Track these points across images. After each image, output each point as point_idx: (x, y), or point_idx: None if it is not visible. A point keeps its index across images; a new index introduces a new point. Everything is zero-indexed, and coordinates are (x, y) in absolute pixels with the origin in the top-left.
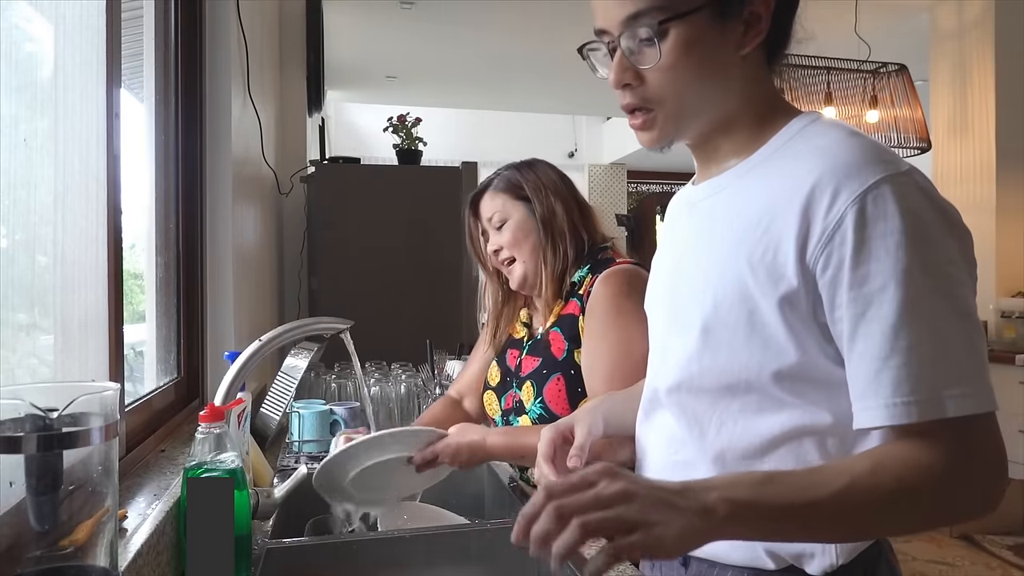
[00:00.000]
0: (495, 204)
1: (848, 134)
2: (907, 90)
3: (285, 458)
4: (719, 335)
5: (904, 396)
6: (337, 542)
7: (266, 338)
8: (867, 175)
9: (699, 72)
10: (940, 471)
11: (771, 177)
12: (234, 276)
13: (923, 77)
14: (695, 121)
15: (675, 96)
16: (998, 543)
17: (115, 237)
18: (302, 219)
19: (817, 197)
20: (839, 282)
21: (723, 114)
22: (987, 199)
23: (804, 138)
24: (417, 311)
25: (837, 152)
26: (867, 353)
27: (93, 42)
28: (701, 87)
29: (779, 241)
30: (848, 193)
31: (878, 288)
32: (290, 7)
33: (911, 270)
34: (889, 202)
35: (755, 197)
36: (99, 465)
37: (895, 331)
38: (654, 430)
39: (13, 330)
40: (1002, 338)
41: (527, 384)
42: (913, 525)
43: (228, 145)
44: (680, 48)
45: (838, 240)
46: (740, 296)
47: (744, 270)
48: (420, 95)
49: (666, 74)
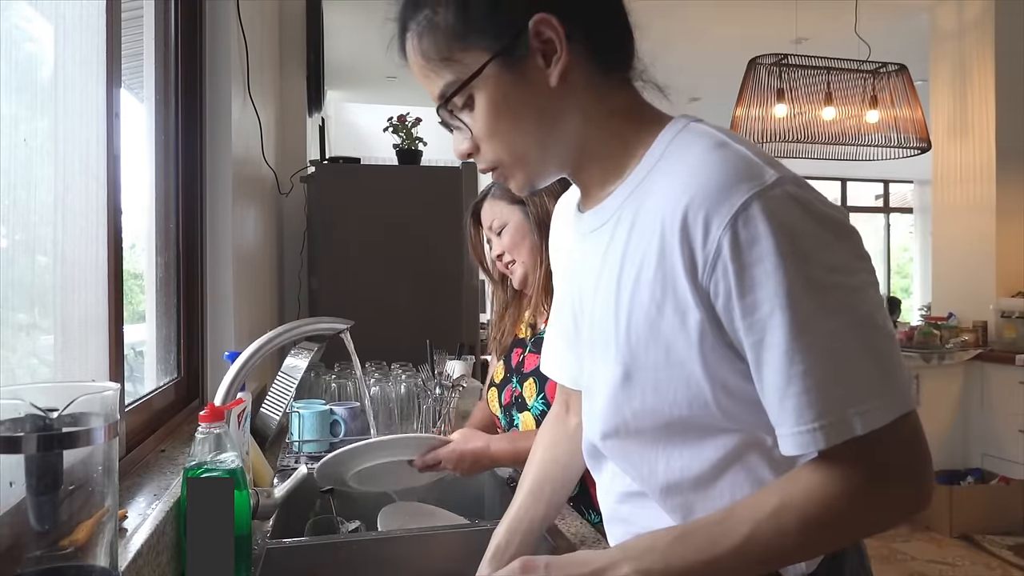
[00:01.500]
0: (494, 211)
1: (711, 147)
2: (907, 90)
3: (285, 458)
4: (642, 378)
5: (808, 423)
6: (337, 542)
7: (266, 338)
8: (733, 198)
9: (519, 123)
10: (851, 495)
11: (651, 202)
12: (234, 276)
13: (923, 77)
14: (545, 165)
15: (508, 153)
16: (998, 543)
17: (115, 237)
18: (302, 219)
19: (691, 226)
20: (731, 309)
21: (571, 146)
22: (987, 199)
23: (673, 153)
24: (417, 311)
25: (702, 173)
26: (770, 382)
27: (93, 42)
28: (531, 135)
29: (673, 275)
30: (719, 220)
31: (767, 315)
32: (290, 7)
33: (793, 291)
34: (759, 223)
35: (641, 230)
36: (99, 465)
37: (789, 358)
38: (603, 474)
39: (13, 330)
40: (1002, 338)
41: (529, 381)
42: (830, 548)
43: (228, 145)
44: (486, 110)
45: (720, 270)
46: (653, 336)
47: (651, 311)
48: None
49: (490, 138)
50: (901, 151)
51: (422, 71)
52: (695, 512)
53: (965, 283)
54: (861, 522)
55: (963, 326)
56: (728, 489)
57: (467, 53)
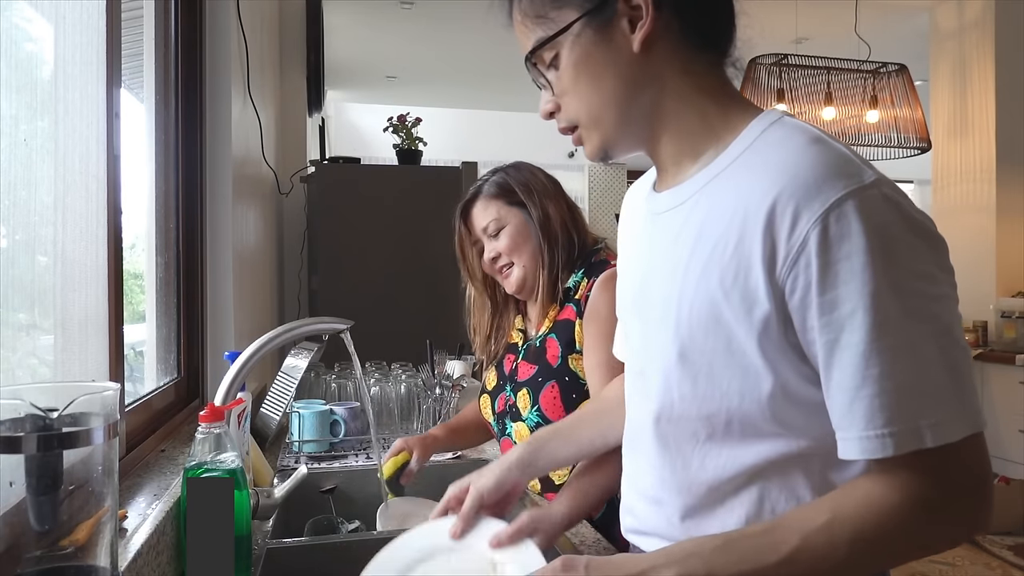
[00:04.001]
0: (490, 212)
1: (809, 142)
2: (907, 90)
3: (285, 458)
4: (696, 362)
5: (878, 428)
6: (337, 542)
7: (266, 338)
8: (828, 193)
9: (598, 84)
10: (910, 509)
11: (734, 191)
12: (234, 276)
13: (923, 77)
14: (621, 131)
15: (586, 114)
16: (998, 543)
17: (115, 237)
18: (302, 219)
19: (779, 217)
20: (808, 305)
21: (649, 115)
22: (987, 199)
23: (766, 143)
24: (417, 311)
25: (797, 166)
26: (841, 383)
27: (93, 42)
28: (609, 98)
29: (748, 264)
30: (809, 214)
31: (847, 314)
32: (290, 7)
33: (879, 292)
34: (852, 220)
35: (720, 214)
36: (99, 465)
37: (865, 359)
38: (632, 465)
39: (13, 330)
40: (1002, 338)
41: (523, 391)
42: (881, 567)
43: (228, 145)
44: (569, 68)
45: (803, 263)
46: (715, 322)
47: (717, 295)
48: (420, 95)
49: (570, 96)
50: (901, 151)
51: (519, 28)
52: (706, 522)
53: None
54: (916, 539)
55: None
56: (756, 501)
57: (560, 12)
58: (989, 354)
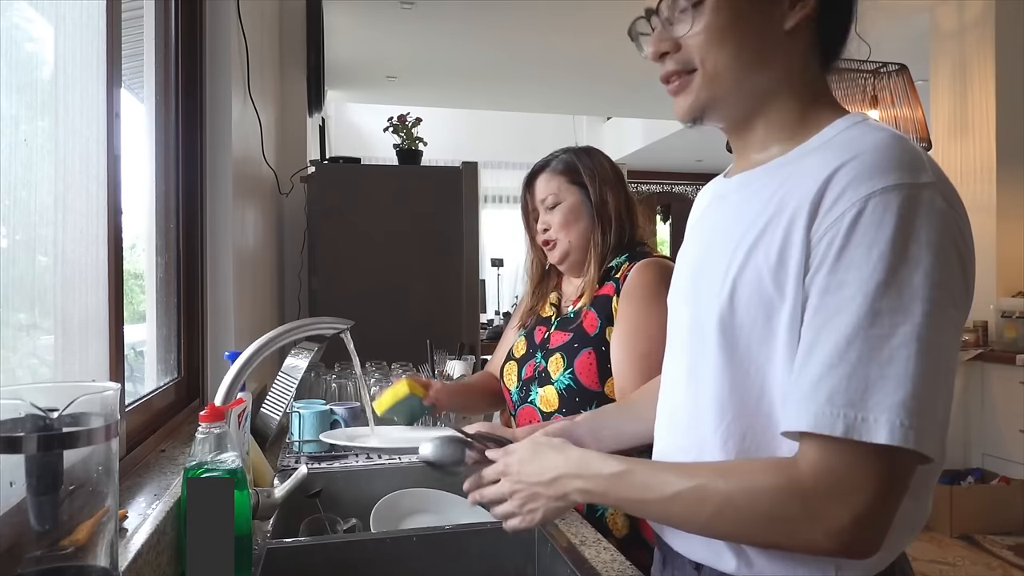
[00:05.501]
0: (551, 186)
1: (891, 136)
2: (907, 90)
3: (285, 458)
4: (735, 337)
5: (836, 406)
6: (337, 542)
7: (266, 338)
8: (879, 179)
9: (735, 37)
10: (785, 491)
11: (798, 174)
12: (234, 276)
13: (923, 77)
14: (730, 93)
15: (712, 59)
16: (998, 543)
17: (115, 237)
18: (302, 219)
19: (829, 191)
20: (816, 282)
21: (761, 93)
22: (987, 199)
23: (843, 136)
24: (417, 311)
25: (862, 149)
26: (818, 358)
27: (93, 42)
28: (738, 53)
29: (792, 242)
30: (854, 194)
31: (848, 297)
32: (290, 7)
33: (885, 286)
34: (890, 211)
35: (781, 194)
36: (99, 465)
37: (848, 341)
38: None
39: (13, 330)
40: (1002, 338)
41: (556, 356)
42: (747, 539)
43: (228, 145)
44: (723, 13)
45: (828, 239)
46: (758, 297)
47: (763, 270)
48: (420, 95)
49: (702, 36)
50: None
51: None
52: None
53: None
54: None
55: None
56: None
57: None
58: (989, 354)
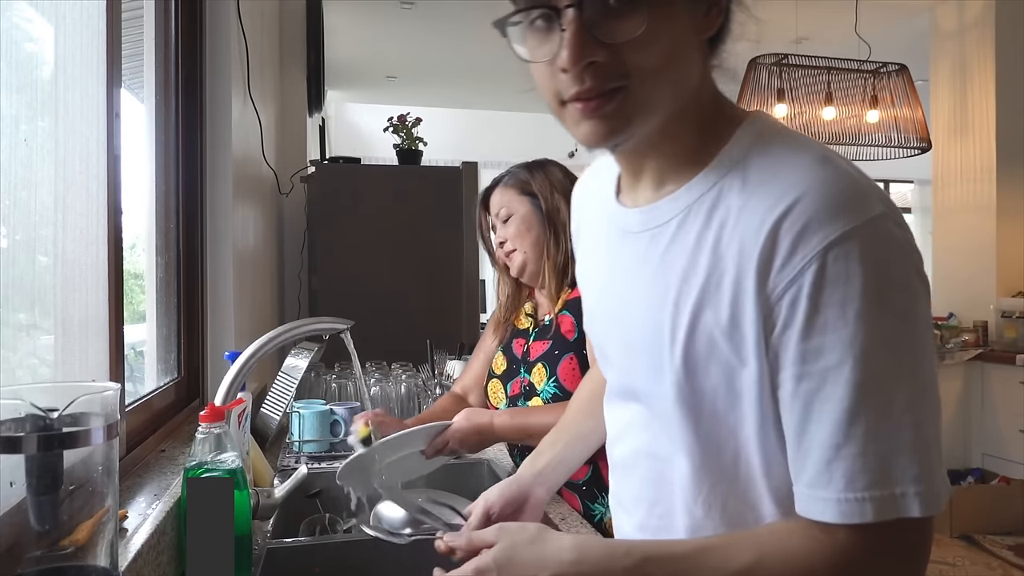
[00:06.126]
0: (503, 199)
1: (813, 162)
2: (907, 90)
3: (285, 458)
4: (697, 401)
5: (858, 491)
6: (337, 542)
7: (266, 338)
8: (830, 226)
9: (672, 50)
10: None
11: (730, 217)
12: (234, 276)
13: (923, 77)
14: (657, 111)
15: (652, 73)
16: (998, 543)
17: (115, 237)
18: (302, 219)
19: (778, 244)
20: (786, 346)
21: (678, 111)
22: (987, 199)
23: (762, 160)
24: (417, 311)
25: (804, 190)
26: (821, 438)
27: (93, 42)
28: (670, 66)
29: (742, 300)
30: (807, 248)
31: (834, 365)
32: (290, 7)
33: (872, 345)
34: (853, 261)
35: (708, 237)
36: (99, 465)
37: (851, 415)
38: (631, 484)
39: (13, 330)
40: (1002, 338)
41: (538, 367)
42: None
43: (228, 145)
44: (656, 19)
45: (788, 299)
46: (716, 362)
47: (715, 333)
48: (420, 95)
49: (643, 47)
50: (901, 151)
51: None
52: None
53: (965, 283)
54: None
55: (963, 326)
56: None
57: None
58: (989, 354)
